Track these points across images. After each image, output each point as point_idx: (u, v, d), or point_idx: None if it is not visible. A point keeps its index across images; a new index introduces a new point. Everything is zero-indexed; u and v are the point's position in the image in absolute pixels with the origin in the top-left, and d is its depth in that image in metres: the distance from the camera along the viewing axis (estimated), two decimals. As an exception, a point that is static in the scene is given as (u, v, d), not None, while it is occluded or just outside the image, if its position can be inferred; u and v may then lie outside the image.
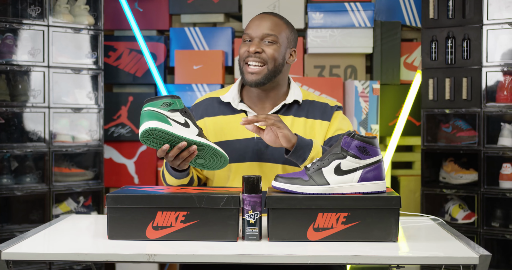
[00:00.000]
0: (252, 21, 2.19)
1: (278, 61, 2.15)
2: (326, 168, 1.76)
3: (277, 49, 2.14)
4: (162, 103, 1.92)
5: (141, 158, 3.91)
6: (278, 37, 2.14)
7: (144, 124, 1.88)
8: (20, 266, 3.31)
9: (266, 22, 2.16)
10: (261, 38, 2.14)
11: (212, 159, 2.01)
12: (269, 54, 2.13)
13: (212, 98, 2.29)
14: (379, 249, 1.65)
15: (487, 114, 3.34)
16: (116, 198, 1.75)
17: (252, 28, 2.16)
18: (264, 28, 2.15)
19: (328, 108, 2.23)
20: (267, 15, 2.19)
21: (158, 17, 3.97)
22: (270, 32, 2.14)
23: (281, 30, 2.16)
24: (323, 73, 3.83)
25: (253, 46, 2.13)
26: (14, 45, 3.36)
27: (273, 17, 2.18)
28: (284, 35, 2.17)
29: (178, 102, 1.95)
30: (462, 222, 3.47)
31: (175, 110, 1.93)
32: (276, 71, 2.16)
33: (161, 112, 1.91)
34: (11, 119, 3.40)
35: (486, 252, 1.60)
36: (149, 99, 1.94)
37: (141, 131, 1.87)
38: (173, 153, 1.92)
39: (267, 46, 2.14)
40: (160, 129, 1.86)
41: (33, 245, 1.74)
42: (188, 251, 1.64)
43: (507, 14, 3.28)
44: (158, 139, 1.90)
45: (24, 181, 3.40)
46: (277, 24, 2.16)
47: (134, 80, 3.93)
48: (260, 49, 2.13)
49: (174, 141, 1.91)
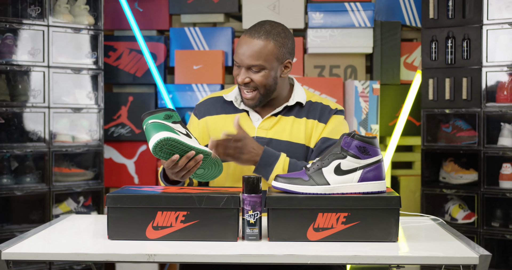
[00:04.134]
0: (240, 45, 2.13)
1: (268, 84, 2.14)
2: (326, 168, 1.76)
3: (265, 75, 2.12)
4: (164, 116, 1.96)
5: (141, 158, 3.91)
6: (264, 65, 2.11)
7: (155, 135, 1.90)
8: (20, 266, 3.31)
9: (250, 50, 2.10)
10: (248, 67, 2.12)
11: (212, 167, 2.06)
12: (258, 81, 2.13)
13: (216, 97, 2.31)
14: (379, 249, 1.65)
15: (487, 114, 3.34)
16: (116, 198, 1.75)
17: (238, 56, 2.13)
18: (249, 59, 2.10)
19: (327, 111, 2.24)
20: (253, 39, 2.11)
21: (158, 17, 3.97)
22: (255, 63, 2.10)
23: (268, 55, 2.10)
24: (323, 73, 3.83)
25: (240, 77, 2.13)
26: (14, 45, 3.36)
27: (258, 41, 2.10)
28: (271, 57, 2.11)
29: (176, 114, 2.00)
30: (462, 222, 3.47)
31: (176, 122, 1.98)
32: (270, 92, 2.17)
33: (167, 124, 1.94)
34: (11, 119, 3.40)
35: (486, 252, 1.60)
36: (148, 113, 1.96)
37: (155, 142, 1.89)
38: (182, 163, 1.95)
39: (255, 74, 2.12)
40: (174, 138, 1.89)
41: (33, 245, 1.74)
42: (188, 251, 1.64)
43: (507, 14, 3.28)
44: (169, 149, 1.93)
45: (24, 181, 3.40)
46: (261, 50, 2.10)
47: (134, 80, 3.93)
48: (248, 80, 2.13)
49: (184, 150, 1.94)
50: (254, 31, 2.13)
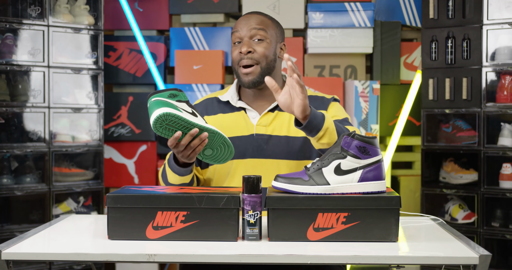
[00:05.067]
0: (239, 21, 2.24)
1: (269, 57, 2.19)
2: (326, 168, 1.76)
3: (267, 46, 2.18)
4: (169, 94, 1.95)
5: (141, 158, 3.91)
6: (267, 32, 2.19)
7: (156, 111, 1.87)
8: (20, 266, 3.31)
9: (252, 19, 2.21)
10: (250, 37, 2.18)
11: (221, 148, 2.00)
12: (260, 52, 2.17)
13: (211, 98, 2.32)
14: (379, 249, 1.65)
15: (487, 114, 3.34)
16: (116, 198, 1.75)
17: (240, 27, 2.21)
18: (252, 24, 2.19)
19: (324, 100, 2.27)
20: (252, 14, 2.25)
21: (158, 17, 3.97)
22: (258, 27, 2.18)
23: (268, 25, 2.21)
24: (323, 73, 3.83)
25: (244, 47, 2.17)
26: (14, 45, 3.36)
27: (258, 15, 2.23)
28: (272, 30, 2.21)
29: (182, 94, 1.98)
30: (462, 222, 3.47)
31: (181, 101, 1.96)
32: (270, 68, 2.19)
33: (170, 101, 1.92)
34: (11, 119, 3.40)
35: (486, 252, 1.60)
36: (154, 92, 1.97)
37: (154, 117, 1.85)
38: (185, 141, 1.91)
39: (257, 45, 2.18)
40: (173, 114, 1.86)
41: (33, 245, 1.74)
42: (188, 251, 1.64)
43: (507, 14, 3.28)
44: (171, 126, 1.89)
45: (24, 181, 3.40)
46: (262, 20, 2.21)
47: (134, 80, 3.94)
48: (251, 49, 2.17)
49: (187, 127, 1.90)
50: (251, 12, 2.27)
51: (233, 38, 2.23)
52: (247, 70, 2.18)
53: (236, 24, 2.24)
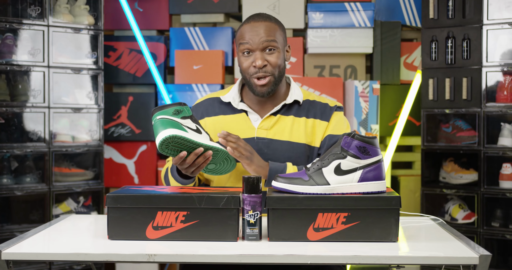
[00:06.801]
0: (246, 31, 2.16)
1: (281, 66, 2.18)
2: (326, 168, 1.76)
3: (278, 55, 2.15)
4: (174, 111, 1.93)
5: (141, 158, 3.91)
6: (276, 41, 2.15)
7: (162, 132, 1.88)
8: (20, 266, 3.31)
9: (261, 30, 2.14)
10: (262, 49, 2.14)
11: (223, 163, 2.04)
12: (274, 63, 2.15)
13: (213, 98, 2.30)
14: (379, 249, 1.65)
15: (487, 114, 3.34)
16: (116, 198, 1.75)
17: (249, 38, 2.14)
18: (262, 35, 2.13)
19: (327, 108, 2.24)
20: (258, 21, 2.16)
21: (158, 17, 3.97)
22: (270, 39, 2.13)
23: (276, 32, 2.16)
24: (323, 73, 3.83)
25: (259, 61, 2.12)
26: (14, 45, 3.36)
27: (264, 22, 2.16)
28: (280, 36, 2.17)
29: (186, 109, 1.97)
30: (462, 222, 3.47)
31: (186, 117, 1.95)
32: (281, 75, 2.19)
33: (175, 120, 1.92)
34: (11, 119, 3.40)
35: (486, 252, 1.60)
36: (159, 108, 1.94)
37: (160, 140, 1.87)
38: (190, 159, 1.94)
39: (269, 56, 2.14)
40: (180, 136, 1.87)
41: (33, 245, 1.74)
42: (188, 251, 1.64)
43: (507, 14, 3.28)
44: (177, 146, 1.91)
45: (24, 181, 3.40)
46: (270, 28, 2.15)
47: (134, 80, 3.93)
48: (266, 62, 2.14)
49: (192, 147, 1.92)
50: (257, 17, 2.18)
51: (241, 48, 2.16)
52: (262, 82, 2.15)
53: (243, 34, 2.16)
